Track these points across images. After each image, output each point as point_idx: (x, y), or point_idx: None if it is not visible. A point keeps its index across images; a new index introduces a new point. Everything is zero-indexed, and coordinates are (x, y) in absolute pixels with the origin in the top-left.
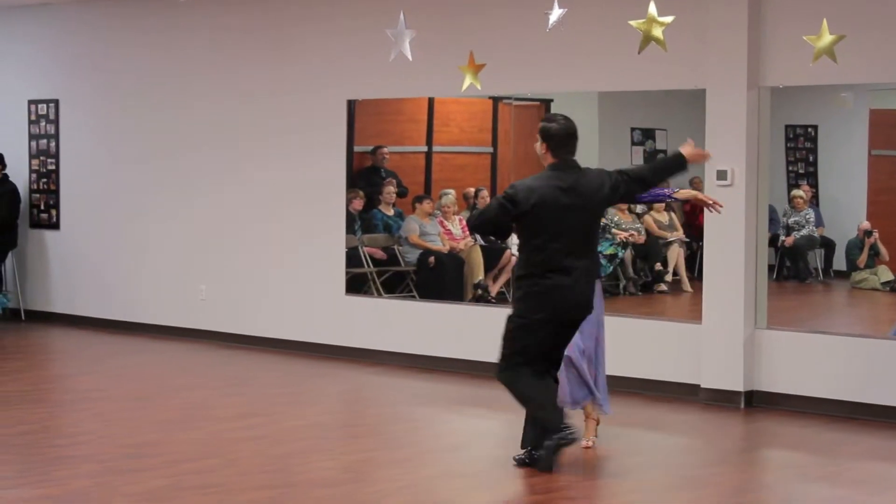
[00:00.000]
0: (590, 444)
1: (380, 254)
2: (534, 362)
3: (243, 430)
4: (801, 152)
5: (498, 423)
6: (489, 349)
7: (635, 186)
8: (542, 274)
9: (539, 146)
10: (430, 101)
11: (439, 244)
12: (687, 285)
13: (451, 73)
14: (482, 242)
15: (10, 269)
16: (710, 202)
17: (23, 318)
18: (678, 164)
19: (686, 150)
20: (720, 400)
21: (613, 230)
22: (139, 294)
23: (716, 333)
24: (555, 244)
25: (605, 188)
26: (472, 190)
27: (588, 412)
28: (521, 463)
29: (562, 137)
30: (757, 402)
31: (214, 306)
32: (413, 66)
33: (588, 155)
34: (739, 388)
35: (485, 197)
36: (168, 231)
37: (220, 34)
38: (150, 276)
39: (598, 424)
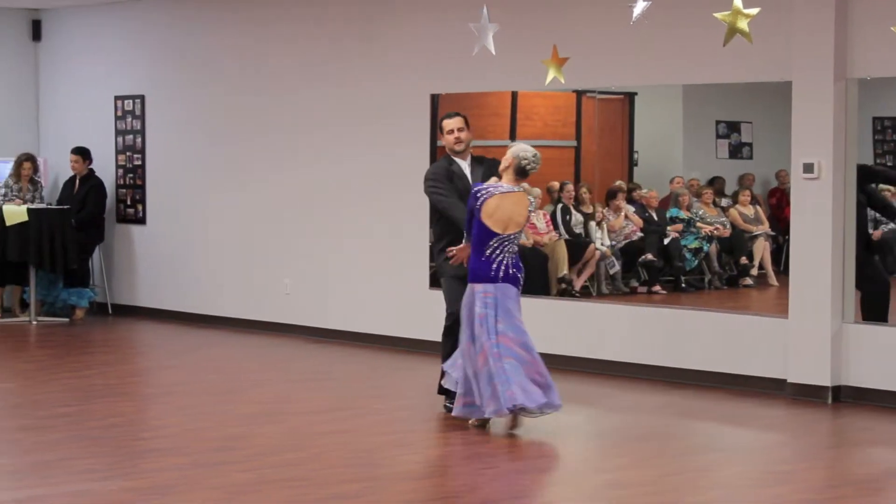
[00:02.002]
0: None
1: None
2: None
3: (327, 423)
4: (888, 145)
5: (581, 417)
6: (574, 344)
7: None
8: None
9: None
10: (514, 95)
11: (523, 238)
12: (773, 279)
13: (535, 66)
14: (567, 236)
15: (97, 264)
16: None
17: (109, 311)
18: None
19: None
20: (807, 395)
21: (698, 224)
22: (223, 288)
23: (802, 328)
24: None
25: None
26: (557, 184)
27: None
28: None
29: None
30: (844, 398)
31: (298, 300)
32: (496, 60)
33: (672, 148)
34: (826, 383)
35: (570, 191)
36: (252, 225)
37: (306, 27)
38: (234, 270)
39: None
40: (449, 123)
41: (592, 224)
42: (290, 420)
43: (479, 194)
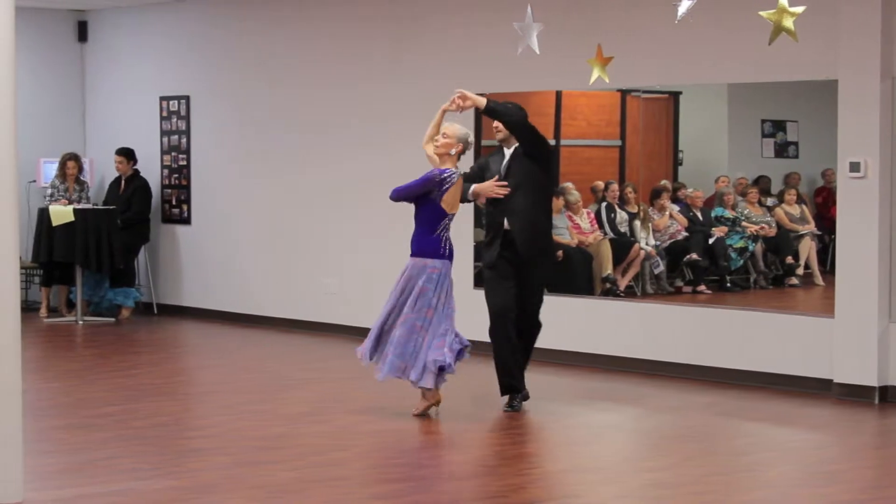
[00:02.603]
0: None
1: None
2: None
3: (371, 423)
4: None
5: (625, 416)
6: (619, 344)
7: None
8: None
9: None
10: (558, 95)
11: (568, 238)
12: (819, 279)
13: (579, 66)
14: (612, 236)
15: (142, 264)
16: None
17: (155, 311)
18: None
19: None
20: (853, 395)
21: (744, 223)
22: (268, 288)
23: (849, 327)
24: None
25: None
26: (602, 183)
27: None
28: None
29: None
30: (891, 398)
31: (342, 299)
32: (540, 60)
33: (717, 147)
34: (873, 383)
35: (615, 190)
36: (296, 225)
37: (350, 26)
38: (278, 270)
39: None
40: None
41: (637, 223)
42: (333, 419)
43: (445, 181)
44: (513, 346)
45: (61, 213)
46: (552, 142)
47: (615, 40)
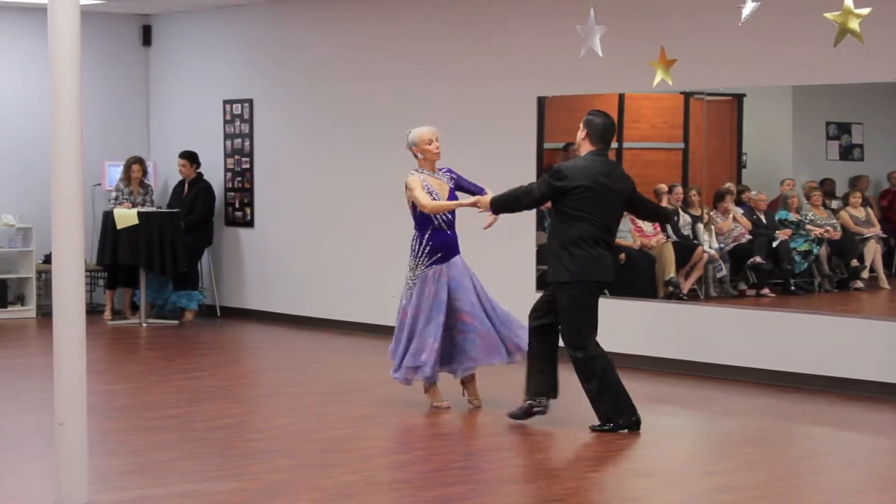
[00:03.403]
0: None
1: None
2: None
3: (434, 426)
4: None
5: (688, 420)
6: (682, 347)
7: (637, 211)
8: (592, 245)
9: (580, 134)
10: (621, 97)
11: (630, 240)
12: (884, 282)
13: (642, 68)
14: (674, 239)
15: (205, 267)
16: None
17: (218, 314)
18: (663, 217)
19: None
20: None
21: (808, 226)
22: (331, 290)
23: None
24: (598, 220)
25: (630, 182)
26: (665, 186)
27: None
28: (517, 416)
29: (604, 130)
30: None
31: None
32: (603, 62)
33: (781, 150)
34: None
35: (678, 193)
36: (358, 228)
37: (412, 30)
38: (341, 273)
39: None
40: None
41: (700, 226)
42: (396, 422)
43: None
44: None
45: (126, 217)
46: (615, 144)
47: (679, 42)
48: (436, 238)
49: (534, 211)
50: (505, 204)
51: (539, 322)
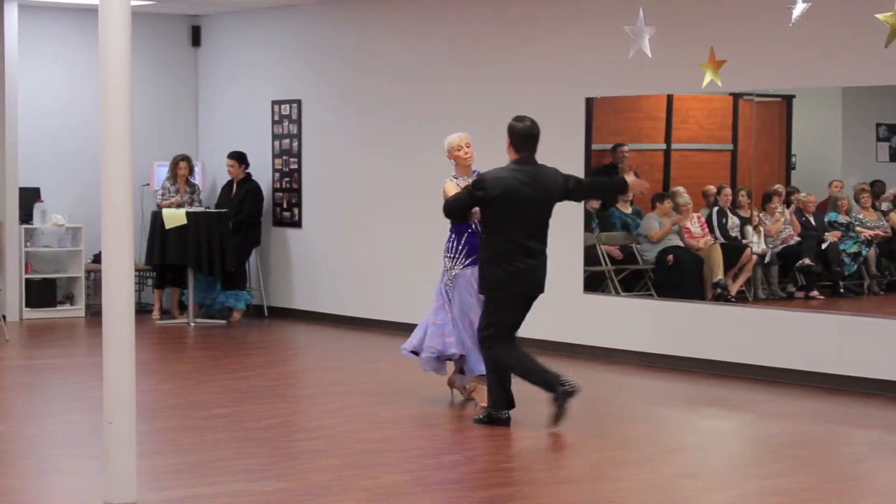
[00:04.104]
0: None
1: (617, 252)
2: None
3: (482, 427)
4: None
5: (736, 422)
6: (729, 349)
7: (584, 194)
8: (510, 260)
9: (507, 142)
10: (669, 98)
11: (678, 242)
12: None
13: (691, 69)
14: (722, 240)
15: (253, 267)
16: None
17: (266, 314)
18: (620, 188)
19: (629, 178)
20: None
21: (857, 228)
22: (378, 291)
23: None
24: (521, 231)
25: (560, 184)
26: (713, 187)
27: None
28: (481, 420)
29: (525, 136)
30: None
31: None
32: (652, 63)
33: (831, 151)
34: None
35: (727, 194)
36: (406, 228)
37: (461, 30)
38: (388, 274)
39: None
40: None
41: (749, 228)
42: (444, 423)
43: None
44: None
45: (174, 217)
46: (663, 145)
47: (728, 43)
48: (472, 241)
49: (582, 211)
50: (447, 211)
51: (486, 333)
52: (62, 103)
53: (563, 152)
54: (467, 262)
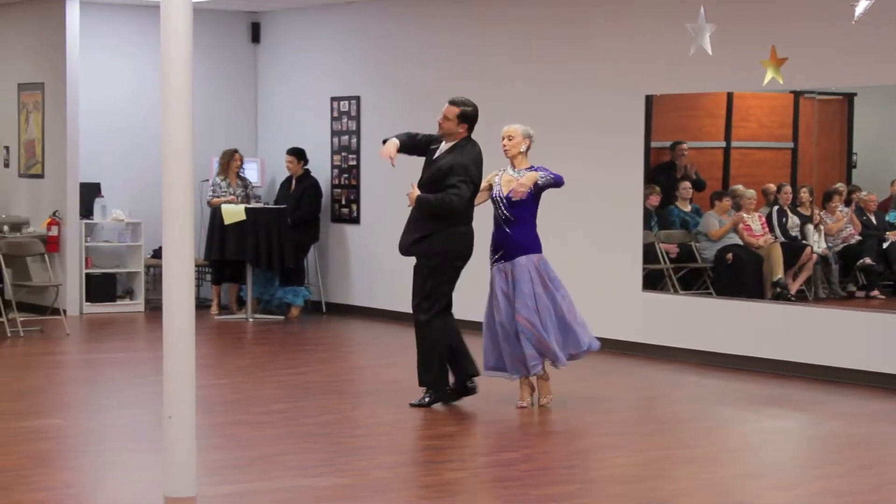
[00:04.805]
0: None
1: (676, 250)
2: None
3: (540, 424)
4: None
5: (796, 422)
6: (789, 348)
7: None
8: (465, 223)
9: (456, 125)
10: (729, 96)
11: (737, 241)
12: None
13: (752, 67)
14: (782, 239)
15: (311, 263)
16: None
17: (324, 310)
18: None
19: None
20: None
21: None
22: None
23: None
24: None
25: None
26: (773, 186)
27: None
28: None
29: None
30: None
31: None
32: (713, 61)
33: (892, 150)
34: None
35: (787, 193)
36: None
37: (520, 28)
38: None
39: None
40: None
41: (810, 227)
42: (502, 420)
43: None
44: None
45: (233, 212)
46: (723, 143)
47: (789, 41)
48: (495, 235)
49: (641, 209)
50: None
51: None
52: (123, 99)
53: (622, 150)
54: (495, 258)
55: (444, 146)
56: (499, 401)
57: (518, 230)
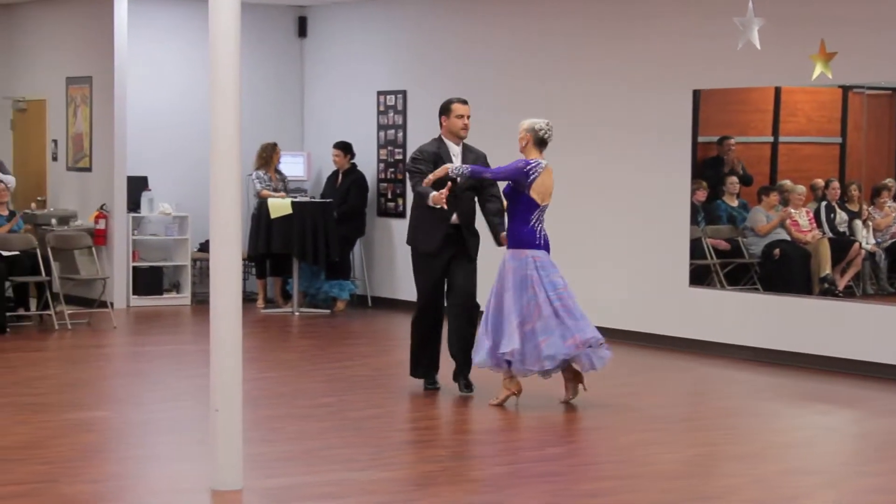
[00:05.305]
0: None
1: (723, 245)
2: None
3: (585, 419)
4: None
5: (843, 419)
6: (837, 344)
7: None
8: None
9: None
10: (777, 91)
11: (784, 236)
12: None
13: (800, 61)
14: (830, 235)
15: (357, 257)
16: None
17: (369, 304)
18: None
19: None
20: None
21: None
22: (479, 281)
23: None
24: None
25: None
26: (822, 181)
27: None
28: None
29: None
30: None
31: None
32: (761, 55)
33: None
34: None
35: (835, 188)
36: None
37: (567, 23)
38: (491, 264)
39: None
40: (462, 108)
41: (858, 222)
42: (547, 416)
43: (530, 171)
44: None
45: (279, 206)
46: (770, 138)
47: (838, 35)
48: (511, 228)
49: (688, 204)
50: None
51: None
52: (170, 93)
53: (669, 144)
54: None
55: (458, 149)
56: (544, 396)
57: (511, 224)
